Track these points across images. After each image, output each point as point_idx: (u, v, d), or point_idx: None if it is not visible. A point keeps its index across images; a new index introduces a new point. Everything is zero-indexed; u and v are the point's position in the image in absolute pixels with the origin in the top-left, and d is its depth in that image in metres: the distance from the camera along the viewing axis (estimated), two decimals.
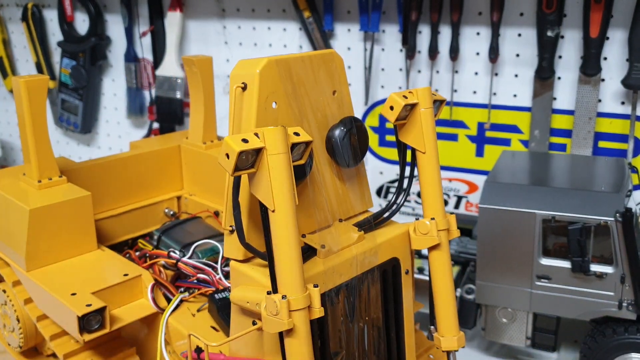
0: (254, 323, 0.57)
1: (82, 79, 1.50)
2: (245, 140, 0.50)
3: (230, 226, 0.59)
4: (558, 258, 0.90)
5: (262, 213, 0.53)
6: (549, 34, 1.07)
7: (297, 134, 0.54)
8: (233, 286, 0.60)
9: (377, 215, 0.66)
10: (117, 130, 1.61)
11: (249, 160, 0.51)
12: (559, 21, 1.06)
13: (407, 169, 0.67)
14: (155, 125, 1.50)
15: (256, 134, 0.51)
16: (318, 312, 0.52)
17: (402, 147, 0.65)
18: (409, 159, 0.66)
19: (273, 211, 0.51)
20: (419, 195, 1.24)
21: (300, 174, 0.58)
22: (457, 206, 1.24)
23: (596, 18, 1.03)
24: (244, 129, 0.58)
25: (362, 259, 0.61)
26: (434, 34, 1.16)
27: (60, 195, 0.78)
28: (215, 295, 0.70)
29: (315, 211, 0.62)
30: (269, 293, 0.52)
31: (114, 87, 1.57)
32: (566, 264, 0.88)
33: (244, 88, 0.57)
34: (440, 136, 1.20)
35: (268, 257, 0.53)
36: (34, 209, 0.74)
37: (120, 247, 0.92)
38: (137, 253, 0.88)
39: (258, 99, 0.57)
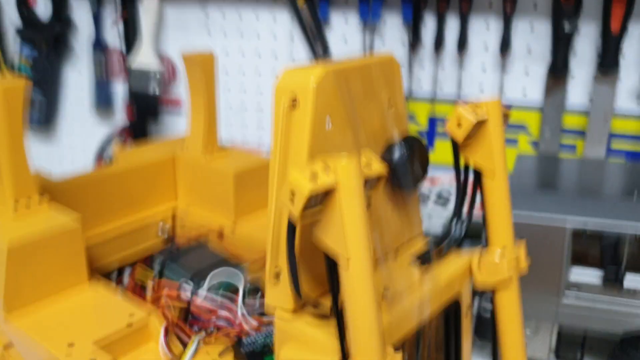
0: None
1: (44, 70, 1.35)
2: (314, 175, 0.40)
3: (276, 267, 0.49)
4: (589, 269, 0.84)
5: (328, 262, 0.43)
6: (566, 28, 1.00)
7: (368, 163, 0.45)
8: (279, 342, 0.50)
9: (436, 245, 0.57)
10: (81, 125, 1.46)
11: (318, 198, 0.41)
12: (576, 15, 1.00)
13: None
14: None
15: (326, 166, 0.41)
16: None
17: (461, 167, 0.57)
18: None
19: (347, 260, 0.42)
20: None
21: None
22: None
23: (618, 13, 0.98)
24: (293, 154, 0.47)
25: (425, 301, 0.53)
26: (441, 25, 1.08)
27: (43, 222, 0.65)
28: (244, 344, 0.59)
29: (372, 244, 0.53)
30: None
31: (79, 79, 1.41)
32: (597, 276, 0.83)
33: (295, 105, 0.47)
34: (444, 135, 1.13)
35: (336, 315, 0.43)
36: (13, 244, 0.61)
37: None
38: (127, 276, 0.76)
39: (312, 119, 0.46)
